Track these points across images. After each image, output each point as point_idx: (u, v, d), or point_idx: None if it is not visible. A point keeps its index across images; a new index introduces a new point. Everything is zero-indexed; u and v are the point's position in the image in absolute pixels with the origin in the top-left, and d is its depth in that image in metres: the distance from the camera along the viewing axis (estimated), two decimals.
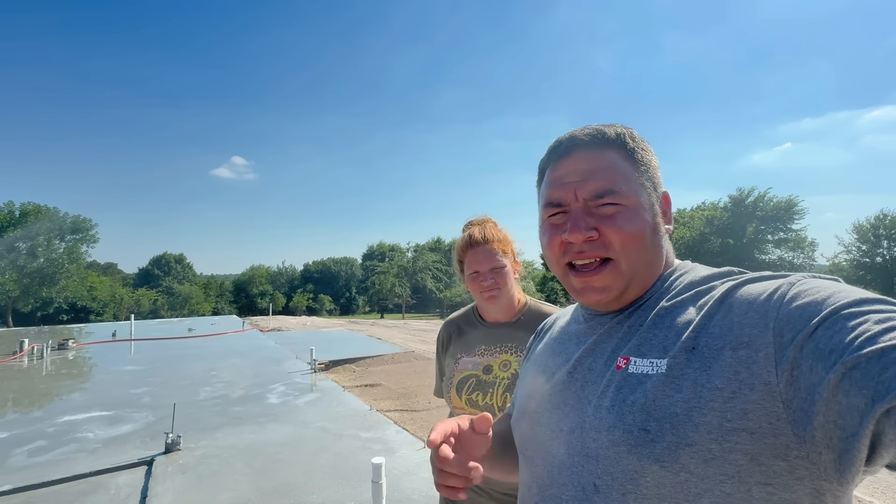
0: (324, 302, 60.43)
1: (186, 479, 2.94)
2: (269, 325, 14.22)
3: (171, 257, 58.70)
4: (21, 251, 33.86)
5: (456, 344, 1.36)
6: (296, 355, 7.44)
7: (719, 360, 0.50)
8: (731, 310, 0.53)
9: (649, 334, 0.58)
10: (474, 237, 1.28)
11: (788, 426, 0.45)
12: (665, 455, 0.49)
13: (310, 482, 2.89)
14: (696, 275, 0.62)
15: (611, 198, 0.60)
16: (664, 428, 0.50)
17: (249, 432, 3.81)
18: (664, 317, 0.58)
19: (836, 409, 0.42)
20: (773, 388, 0.46)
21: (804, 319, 0.46)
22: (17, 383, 5.92)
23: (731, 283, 0.57)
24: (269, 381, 5.66)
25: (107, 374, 6.39)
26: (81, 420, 4.21)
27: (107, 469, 3.10)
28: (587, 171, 0.62)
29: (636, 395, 0.54)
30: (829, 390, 0.42)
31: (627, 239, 0.60)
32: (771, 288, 0.52)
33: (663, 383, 0.52)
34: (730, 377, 0.48)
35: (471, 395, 1.25)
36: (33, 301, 34.42)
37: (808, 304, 0.47)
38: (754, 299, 0.52)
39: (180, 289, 51.05)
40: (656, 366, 0.54)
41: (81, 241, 37.30)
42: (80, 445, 3.55)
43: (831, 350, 0.42)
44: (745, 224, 36.64)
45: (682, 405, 0.50)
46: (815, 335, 0.44)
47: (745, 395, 0.47)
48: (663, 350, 0.55)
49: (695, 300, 0.58)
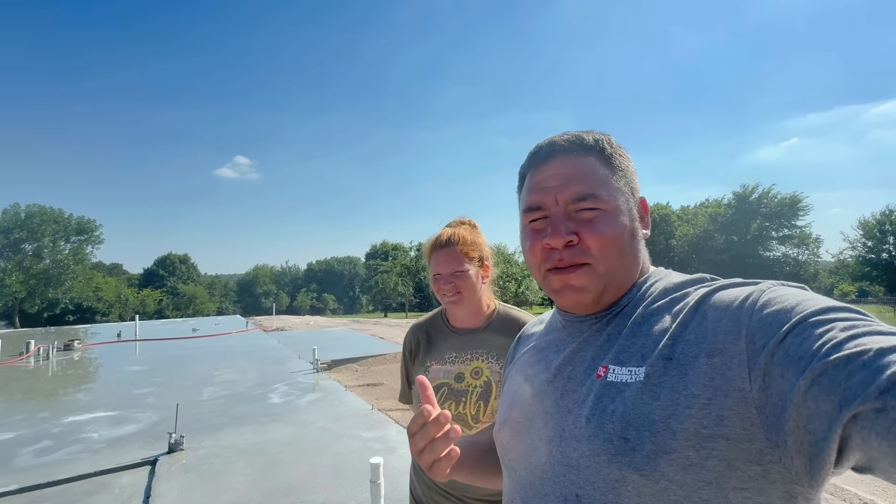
0: (327, 301, 60.61)
1: (189, 478, 2.97)
2: (272, 324, 14.28)
3: (175, 257, 58.94)
4: (27, 252, 34.14)
5: (425, 351, 1.33)
6: (299, 355, 7.47)
7: (695, 367, 0.50)
8: (705, 317, 0.54)
9: (627, 342, 0.58)
10: (440, 239, 1.26)
11: (762, 431, 0.46)
12: (645, 463, 0.50)
13: (311, 482, 2.92)
14: (671, 281, 0.63)
15: (590, 202, 0.61)
16: (643, 436, 0.51)
17: (252, 432, 3.84)
18: (641, 324, 0.59)
19: (806, 415, 0.42)
20: (746, 394, 0.47)
21: (775, 327, 0.47)
22: (23, 384, 5.98)
23: (704, 289, 0.57)
24: (271, 381, 5.69)
25: (111, 375, 6.45)
26: (86, 420, 4.25)
27: (111, 469, 3.14)
28: (567, 175, 0.63)
29: (615, 404, 0.54)
30: (800, 396, 0.42)
31: (606, 243, 0.60)
32: (743, 295, 0.53)
33: (641, 391, 0.53)
34: (705, 384, 0.49)
35: (443, 404, 1.23)
36: (39, 302, 34.69)
37: (778, 311, 0.48)
38: (727, 306, 0.53)
39: (185, 289, 51.32)
40: (634, 374, 0.54)
41: (86, 242, 37.62)
42: (84, 445, 3.59)
43: (800, 357, 0.43)
44: (750, 221, 36.43)
45: (660, 413, 0.51)
46: (785, 342, 0.45)
47: (720, 401, 0.48)
48: (641, 358, 0.55)
49: (670, 307, 0.58)
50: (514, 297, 31.93)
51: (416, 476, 1.34)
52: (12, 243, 33.49)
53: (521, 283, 38.80)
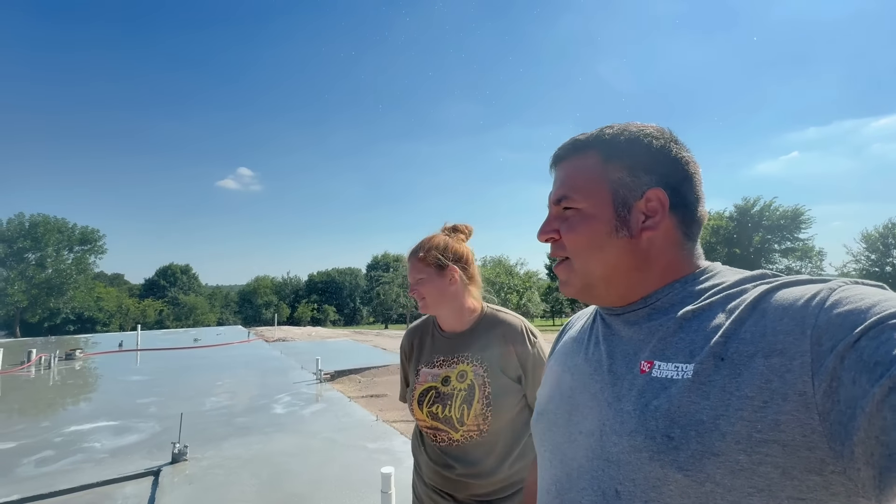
0: (328, 312, 60.39)
1: (193, 489, 2.92)
2: (274, 335, 14.21)
3: (176, 268, 59.03)
4: (30, 262, 34.20)
5: (417, 354, 1.36)
6: (301, 365, 7.42)
7: (750, 368, 0.47)
8: (764, 315, 0.50)
9: (675, 338, 0.56)
10: (412, 248, 1.32)
11: (824, 440, 0.43)
12: (689, 464, 0.48)
13: (317, 493, 2.87)
14: (726, 277, 0.60)
15: (566, 202, 0.66)
16: (689, 435, 0.48)
17: (256, 443, 3.79)
18: (691, 320, 0.56)
19: (880, 425, 0.39)
20: (808, 398, 0.44)
21: (846, 328, 0.43)
22: (24, 393, 5.93)
23: (765, 286, 0.53)
24: (274, 392, 5.64)
25: (113, 384, 6.40)
26: (88, 430, 4.20)
27: (113, 479, 3.09)
28: (559, 178, 0.69)
29: (660, 400, 0.52)
30: (874, 404, 0.39)
31: (575, 240, 0.64)
32: (810, 293, 0.49)
33: (689, 389, 0.50)
34: (761, 386, 0.46)
35: (431, 407, 1.25)
36: (41, 311, 34.65)
37: (850, 311, 0.44)
38: (790, 304, 0.49)
39: (186, 299, 51.24)
40: (682, 371, 0.52)
41: (89, 252, 37.75)
42: (87, 455, 3.55)
43: (877, 362, 0.40)
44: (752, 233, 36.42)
45: (709, 413, 0.48)
46: (859, 345, 0.42)
47: (777, 405, 0.45)
48: (690, 355, 0.52)
49: (724, 304, 0.55)
50: (515, 308, 31.77)
51: (416, 475, 1.39)
52: (16, 252, 33.58)
53: (523, 295, 38.67)
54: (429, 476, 1.29)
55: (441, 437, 1.25)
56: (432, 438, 1.26)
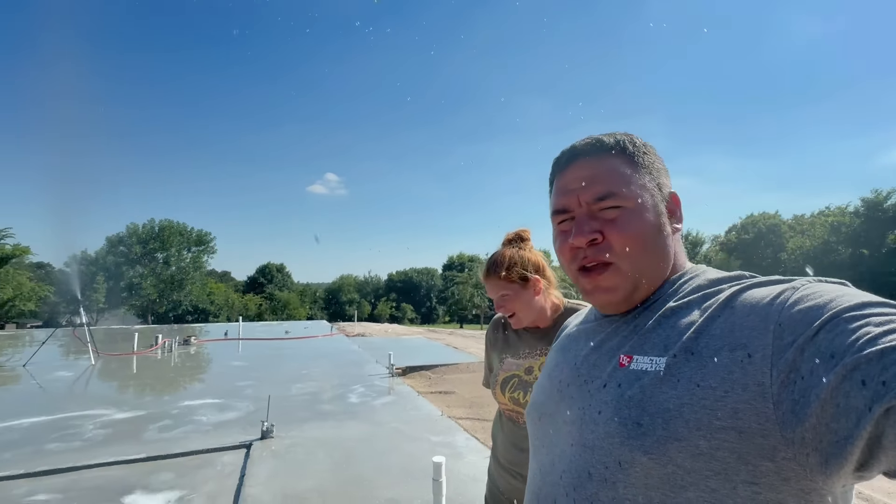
0: (406, 311, 62.71)
1: (277, 463, 3.30)
2: (354, 330, 15.15)
3: (273, 267, 65.08)
4: (159, 261, 40.05)
5: (503, 344, 1.47)
6: (376, 360, 7.87)
7: (716, 360, 0.51)
8: (734, 312, 0.54)
9: (653, 333, 0.59)
10: (484, 269, 1.39)
11: (777, 427, 0.46)
12: (654, 448, 0.51)
13: (381, 477, 3.08)
14: (706, 278, 0.63)
15: (611, 200, 0.62)
16: (656, 422, 0.52)
17: (331, 427, 4.14)
18: (669, 317, 0.60)
19: (832, 412, 0.42)
20: (765, 389, 0.47)
21: (806, 323, 0.46)
22: (152, 371, 7.04)
23: (737, 286, 0.57)
24: (350, 382, 6.07)
25: (219, 368, 7.33)
26: (197, 405, 4.89)
27: (215, 448, 3.59)
28: (588, 177, 0.64)
29: (633, 391, 0.56)
30: (828, 392, 0.42)
31: (629, 240, 0.61)
32: (775, 292, 0.52)
33: (661, 380, 0.54)
34: (724, 377, 0.49)
35: (513, 392, 1.34)
36: (167, 303, 40.41)
37: (810, 307, 0.48)
38: (757, 302, 0.53)
39: (280, 295, 56.35)
40: (656, 363, 0.56)
41: (203, 252, 43.25)
42: (195, 426, 4.15)
43: (832, 353, 0.43)
44: (885, 231, 31.05)
45: (675, 402, 0.52)
46: (817, 338, 0.45)
47: (737, 394, 0.48)
48: (664, 349, 0.56)
49: (701, 302, 0.58)
50: None
51: (493, 458, 1.46)
52: (148, 252, 39.58)
53: None
54: (503, 455, 1.38)
55: (522, 420, 1.35)
56: (513, 419, 1.37)
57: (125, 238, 39.57)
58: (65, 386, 5.99)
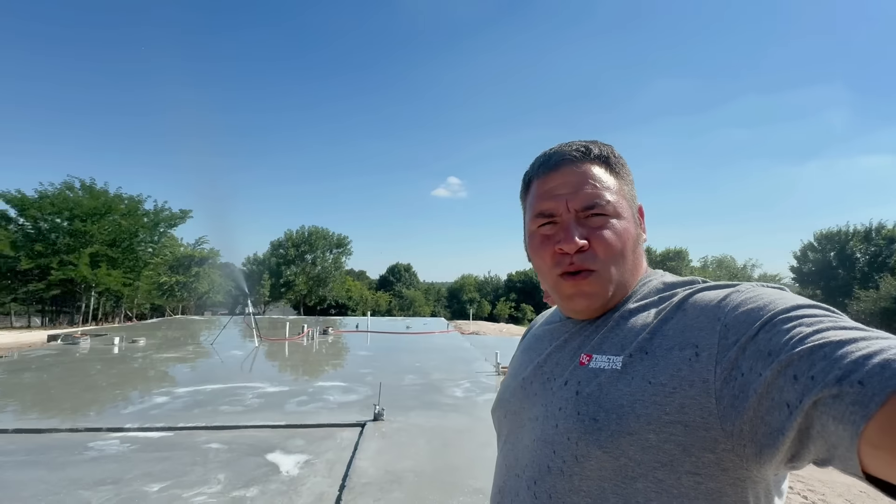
0: (526, 311, 61.98)
1: (384, 443, 3.70)
2: (469, 328, 15.68)
3: (401, 266, 70.25)
4: (308, 261, 46.53)
5: None
6: (485, 358, 8.07)
7: (667, 359, 0.55)
8: (685, 314, 0.58)
9: (611, 333, 0.63)
10: None
11: (717, 421, 0.50)
12: (608, 442, 0.55)
13: (474, 469, 3.24)
14: (663, 281, 0.66)
15: (599, 209, 0.65)
16: (611, 418, 0.56)
17: (434, 417, 4.45)
18: (627, 318, 0.63)
19: (767, 405, 0.46)
20: (709, 385, 0.50)
21: (748, 324, 0.50)
22: (297, 355, 8.32)
23: (689, 290, 0.61)
24: (458, 378, 6.37)
25: (348, 356, 8.33)
26: (328, 387, 5.68)
27: (337, 424, 4.16)
28: (577, 183, 0.66)
29: (591, 388, 0.60)
30: (764, 387, 0.46)
31: (613, 249, 0.64)
32: (721, 295, 0.56)
33: (617, 378, 0.58)
34: (673, 374, 0.53)
35: None
36: (314, 298, 46.73)
37: (751, 309, 0.52)
38: (706, 305, 0.57)
39: (408, 293, 60.61)
40: (612, 362, 0.60)
41: (342, 253, 49.04)
42: (324, 404, 4.84)
43: (769, 351, 0.47)
44: None
45: (629, 398, 0.55)
46: (757, 338, 0.49)
47: (684, 390, 0.52)
48: (621, 348, 0.60)
49: (657, 304, 0.62)
50: None
51: None
52: (300, 254, 46.29)
53: None
54: None
55: None
56: None
57: (283, 242, 46.90)
58: (236, 362, 7.46)
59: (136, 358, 7.71)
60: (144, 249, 30.07)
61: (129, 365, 7.08)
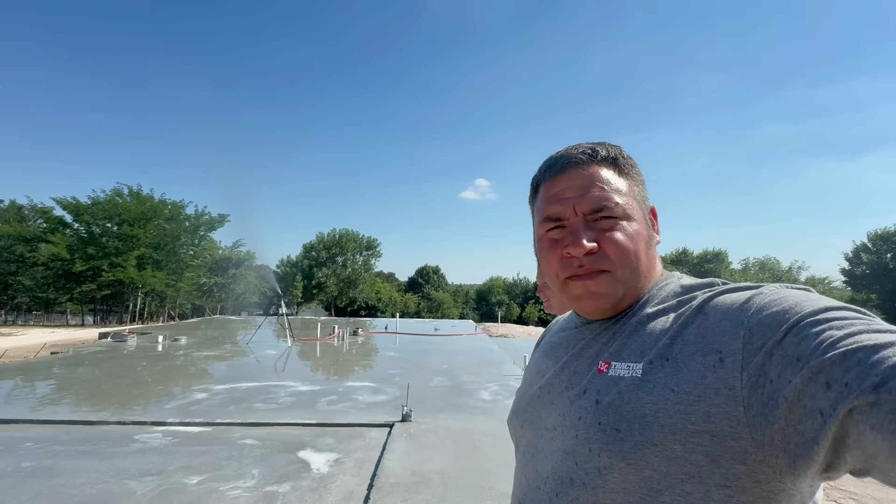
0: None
1: (411, 444, 3.73)
2: (497, 331, 15.58)
3: (430, 269, 70.54)
4: (339, 263, 47.53)
5: None
6: (513, 360, 8.01)
7: (690, 365, 0.52)
8: (706, 318, 0.55)
9: (630, 340, 0.61)
10: None
11: (747, 430, 0.47)
12: (632, 453, 0.53)
13: (500, 472, 3.22)
14: (681, 284, 0.64)
15: (608, 212, 0.63)
16: (633, 428, 0.53)
17: (462, 419, 4.45)
18: (645, 323, 0.61)
19: (799, 414, 0.43)
20: (736, 392, 0.48)
21: (773, 328, 0.48)
22: (328, 354, 8.51)
23: (709, 293, 0.58)
24: (485, 380, 6.34)
25: (377, 356, 8.45)
26: (357, 387, 5.78)
27: (366, 424, 4.23)
28: (584, 186, 0.65)
29: (611, 397, 0.58)
30: (795, 394, 0.43)
31: (624, 251, 0.62)
32: (744, 298, 0.53)
33: (637, 386, 0.55)
34: (697, 381, 0.51)
35: None
36: (345, 299, 47.69)
37: (777, 312, 0.49)
38: (728, 308, 0.54)
39: (436, 295, 60.84)
40: (632, 369, 0.57)
41: (372, 255, 49.87)
42: (353, 404, 4.93)
43: (798, 357, 0.44)
44: None
45: (651, 406, 0.53)
46: (784, 342, 0.46)
47: (709, 398, 0.49)
48: (640, 355, 0.58)
49: (676, 309, 0.60)
50: None
51: None
52: (331, 256, 47.38)
53: None
54: None
55: None
56: None
57: (315, 245, 48.10)
58: (270, 361, 7.71)
59: (177, 356, 8.10)
60: (186, 252, 31.63)
61: (172, 362, 7.45)
